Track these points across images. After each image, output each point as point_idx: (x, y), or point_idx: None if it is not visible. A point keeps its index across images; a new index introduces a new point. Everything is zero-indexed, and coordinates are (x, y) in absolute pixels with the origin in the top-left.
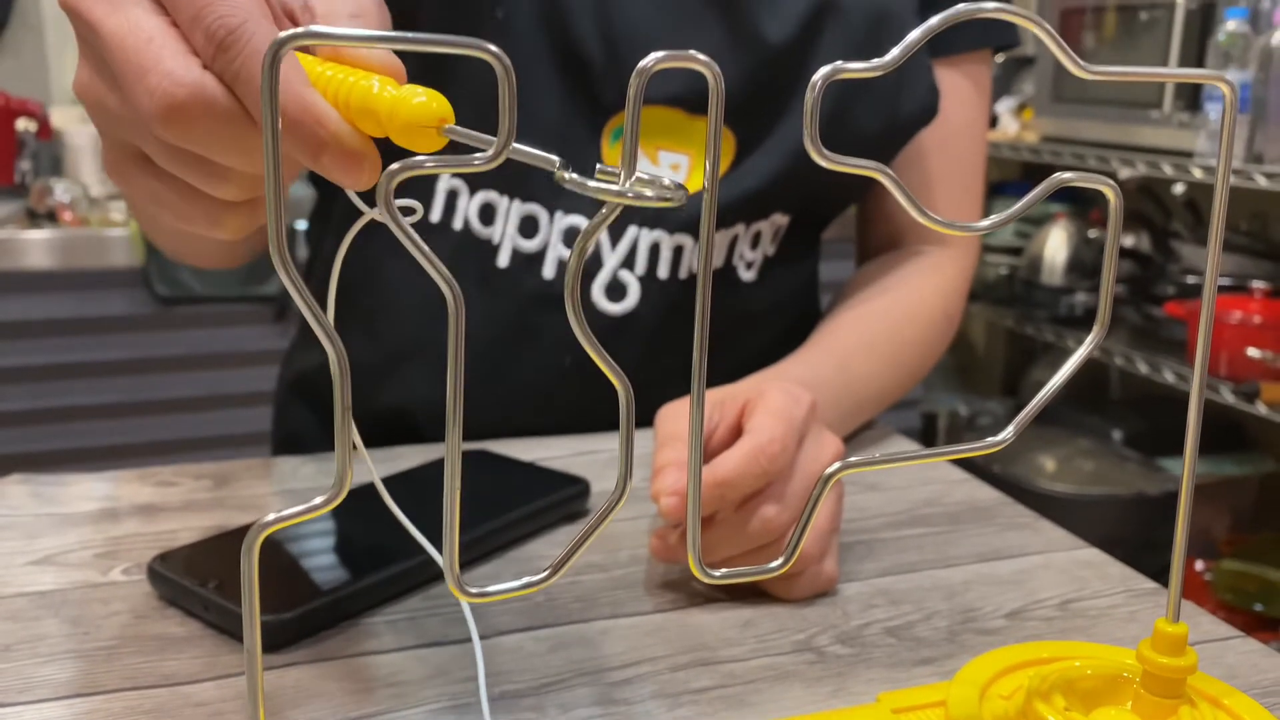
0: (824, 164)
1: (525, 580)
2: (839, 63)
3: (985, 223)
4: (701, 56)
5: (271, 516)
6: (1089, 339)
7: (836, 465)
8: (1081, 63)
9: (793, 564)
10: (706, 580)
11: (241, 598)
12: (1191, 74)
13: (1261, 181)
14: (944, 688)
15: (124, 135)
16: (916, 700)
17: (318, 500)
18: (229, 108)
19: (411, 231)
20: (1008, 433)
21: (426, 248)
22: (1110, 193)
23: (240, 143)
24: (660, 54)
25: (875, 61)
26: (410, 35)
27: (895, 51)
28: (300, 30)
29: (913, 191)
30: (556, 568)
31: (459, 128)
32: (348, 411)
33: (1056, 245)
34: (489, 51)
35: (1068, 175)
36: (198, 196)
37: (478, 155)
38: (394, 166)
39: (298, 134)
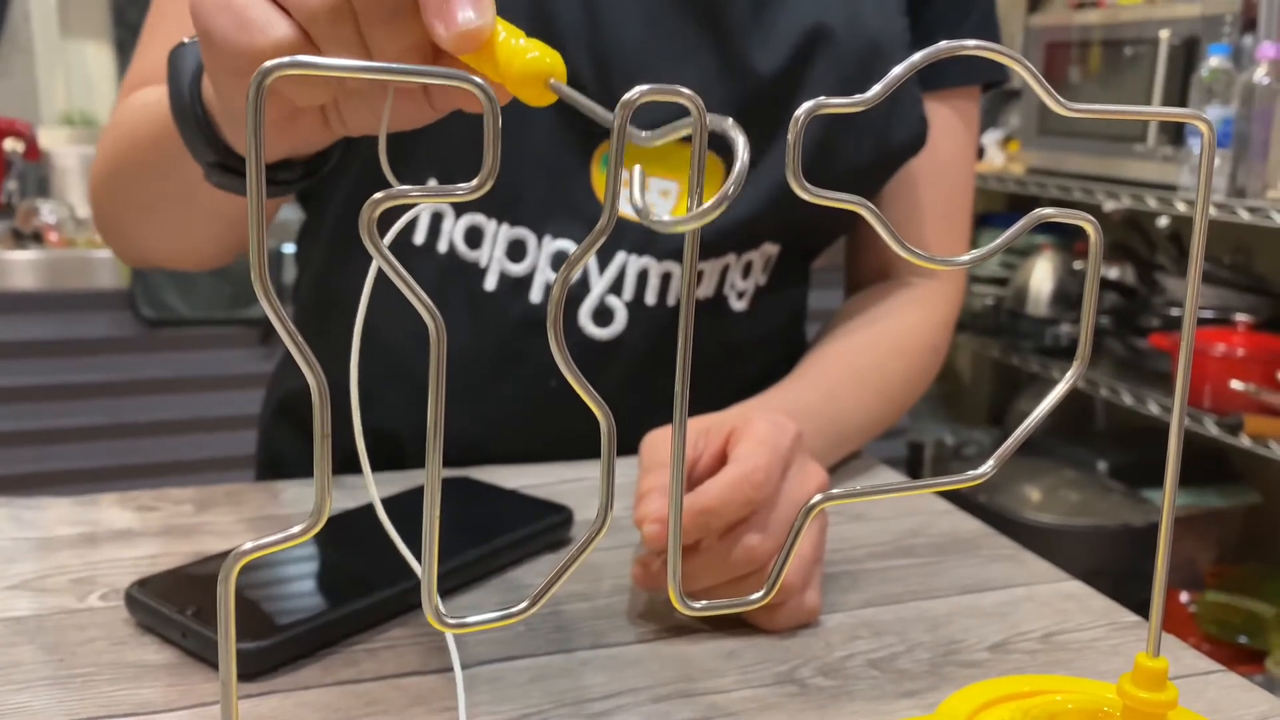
0: (806, 197)
1: (504, 611)
2: (821, 98)
3: (966, 257)
4: (686, 91)
5: (249, 545)
6: (1069, 374)
7: (818, 497)
8: (1062, 100)
9: (774, 595)
10: (687, 612)
11: (217, 626)
12: (1170, 113)
13: (1244, 215)
14: None
15: None
16: None
17: (295, 529)
18: None
19: (394, 260)
20: (988, 466)
21: (409, 277)
22: (1090, 228)
23: None
24: (645, 87)
25: (858, 97)
26: (397, 66)
27: (877, 88)
28: (285, 60)
29: (900, 223)
30: (536, 599)
31: (565, 86)
32: (327, 440)
33: (1042, 276)
34: (474, 84)
35: (1048, 211)
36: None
37: (461, 186)
38: (377, 196)
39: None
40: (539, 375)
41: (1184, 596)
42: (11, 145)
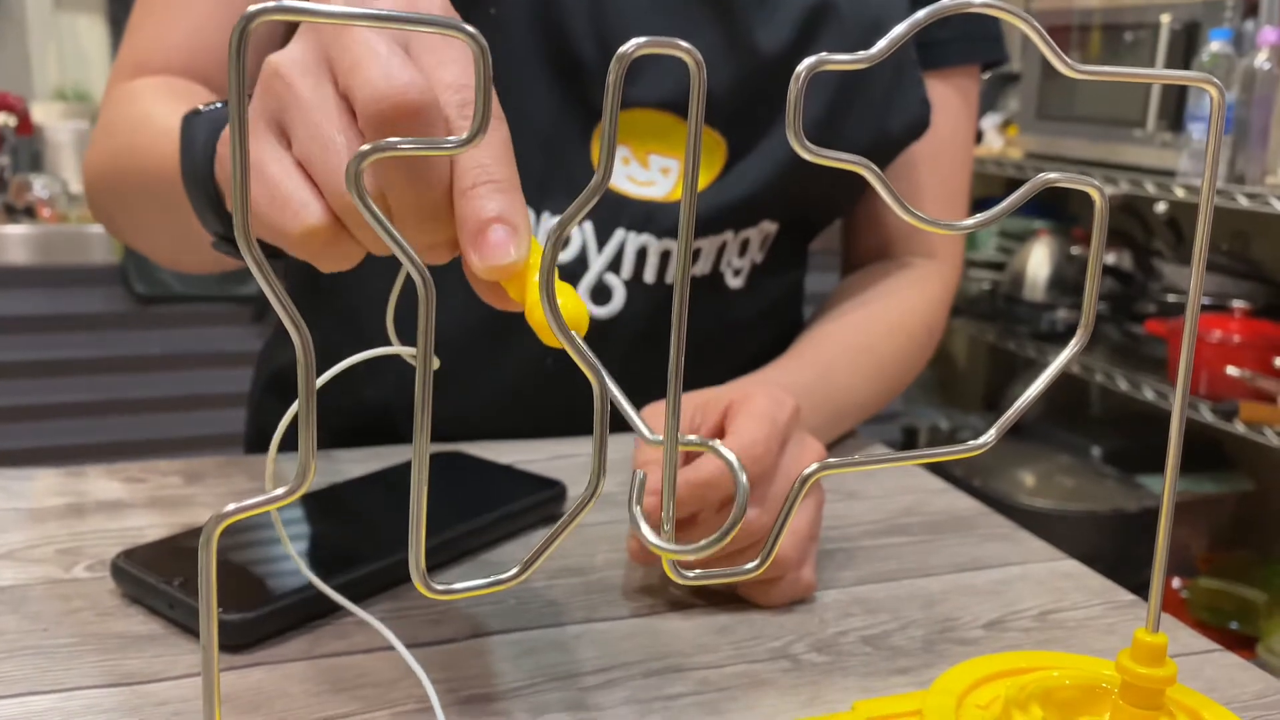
0: (807, 156)
1: (493, 578)
2: (824, 54)
3: (969, 221)
4: (684, 44)
5: (231, 506)
6: (1073, 341)
7: (814, 466)
8: (1069, 61)
9: (768, 566)
10: (680, 580)
11: (199, 592)
12: (1179, 76)
13: (1243, 201)
14: (920, 696)
15: (300, 116)
16: (892, 709)
17: (279, 491)
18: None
19: (379, 213)
20: (989, 435)
21: (396, 232)
22: (1096, 194)
23: (433, 161)
24: (641, 40)
25: (860, 54)
26: (387, 13)
27: (882, 43)
28: (270, 5)
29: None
30: (525, 566)
31: (579, 342)
32: (312, 398)
33: (1039, 261)
34: (464, 32)
35: (1053, 175)
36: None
37: (450, 139)
38: (364, 148)
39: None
40: (535, 352)
41: (1176, 582)
42: (4, 119)
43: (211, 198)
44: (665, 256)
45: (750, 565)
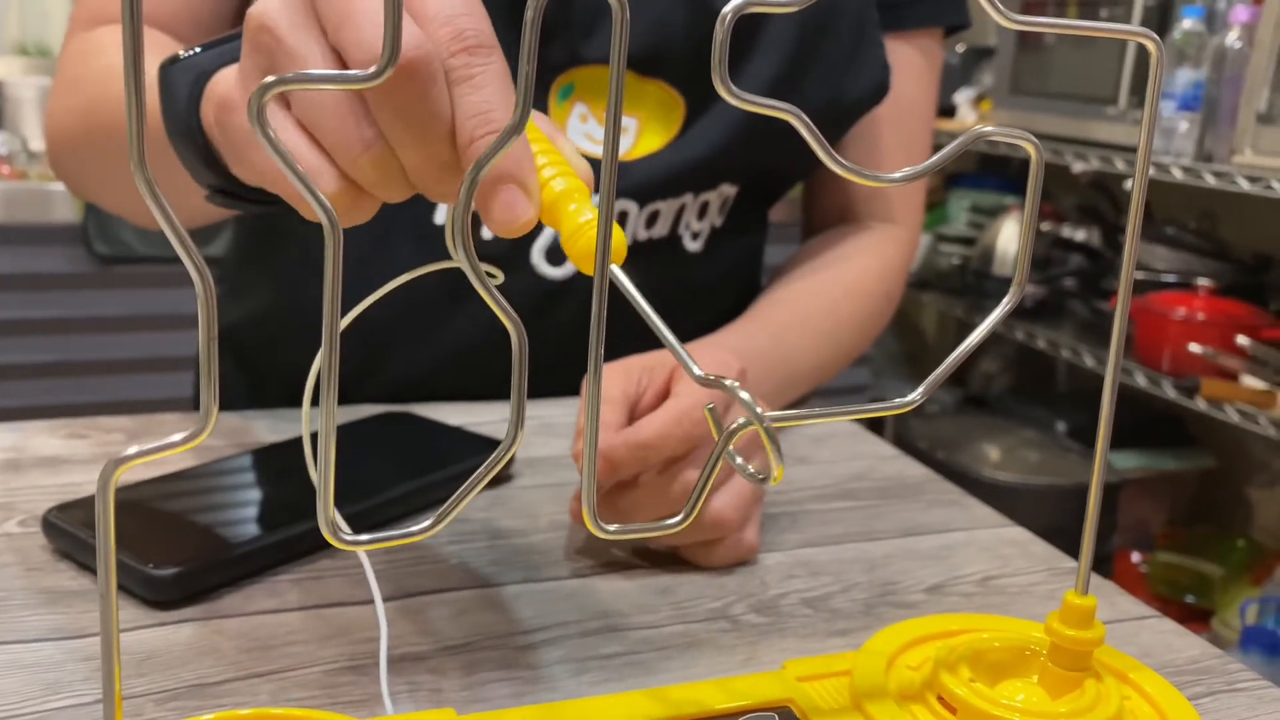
0: (732, 101)
1: (403, 530)
2: None
3: (898, 174)
4: None
5: (132, 450)
6: (1005, 300)
7: (741, 420)
8: (1004, 10)
9: (693, 519)
10: (600, 535)
11: (97, 538)
12: (1119, 29)
13: (1210, 180)
14: (851, 657)
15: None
16: (822, 669)
17: (177, 437)
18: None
19: (285, 150)
20: (917, 394)
21: (300, 169)
22: (1031, 148)
23: (438, 117)
24: None
25: None
26: None
27: None
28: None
29: (860, 164)
30: (439, 519)
31: (621, 275)
32: (213, 342)
33: (1009, 237)
34: None
35: (988, 129)
36: (325, 163)
37: (358, 73)
38: (269, 79)
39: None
40: (489, 312)
41: (1135, 557)
42: None
43: (201, 149)
44: (623, 217)
45: (673, 520)
